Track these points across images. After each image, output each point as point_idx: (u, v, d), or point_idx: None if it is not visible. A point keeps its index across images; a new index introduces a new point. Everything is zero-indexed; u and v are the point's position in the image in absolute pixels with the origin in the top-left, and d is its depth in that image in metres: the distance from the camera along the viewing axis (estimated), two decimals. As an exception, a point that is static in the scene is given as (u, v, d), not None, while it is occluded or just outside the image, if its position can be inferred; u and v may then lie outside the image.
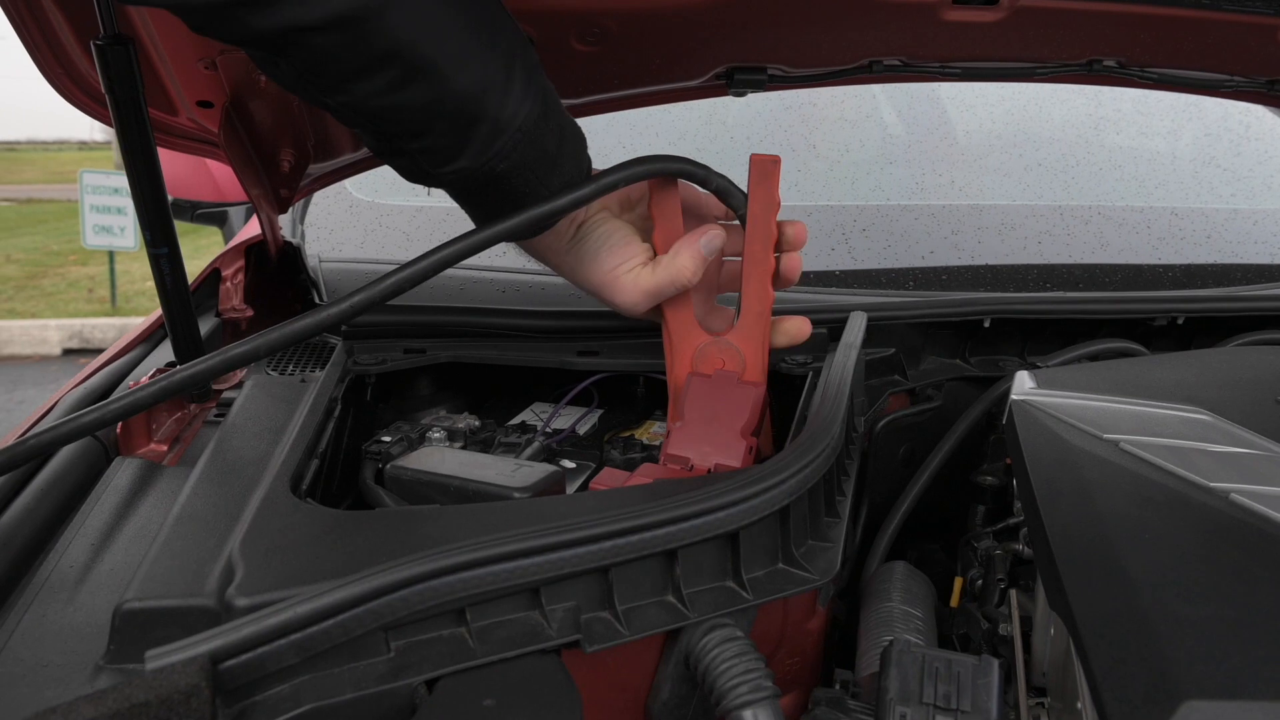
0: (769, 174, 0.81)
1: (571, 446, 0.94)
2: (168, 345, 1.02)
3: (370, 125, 0.64)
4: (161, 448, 0.89)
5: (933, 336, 1.07)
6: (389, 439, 0.85)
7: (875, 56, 1.11)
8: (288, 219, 1.32)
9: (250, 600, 0.52)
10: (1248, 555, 0.59)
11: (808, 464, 0.62)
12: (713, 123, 1.52)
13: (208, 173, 1.72)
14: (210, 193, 1.74)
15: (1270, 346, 1.02)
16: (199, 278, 1.15)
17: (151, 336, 1.11)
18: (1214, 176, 1.54)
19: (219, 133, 0.99)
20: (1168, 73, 1.18)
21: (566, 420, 0.98)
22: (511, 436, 0.88)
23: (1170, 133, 1.64)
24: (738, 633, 0.57)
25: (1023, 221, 1.34)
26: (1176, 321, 1.07)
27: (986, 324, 1.04)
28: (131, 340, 1.11)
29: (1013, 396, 0.82)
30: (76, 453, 0.80)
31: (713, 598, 0.59)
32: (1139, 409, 0.81)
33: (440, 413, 0.95)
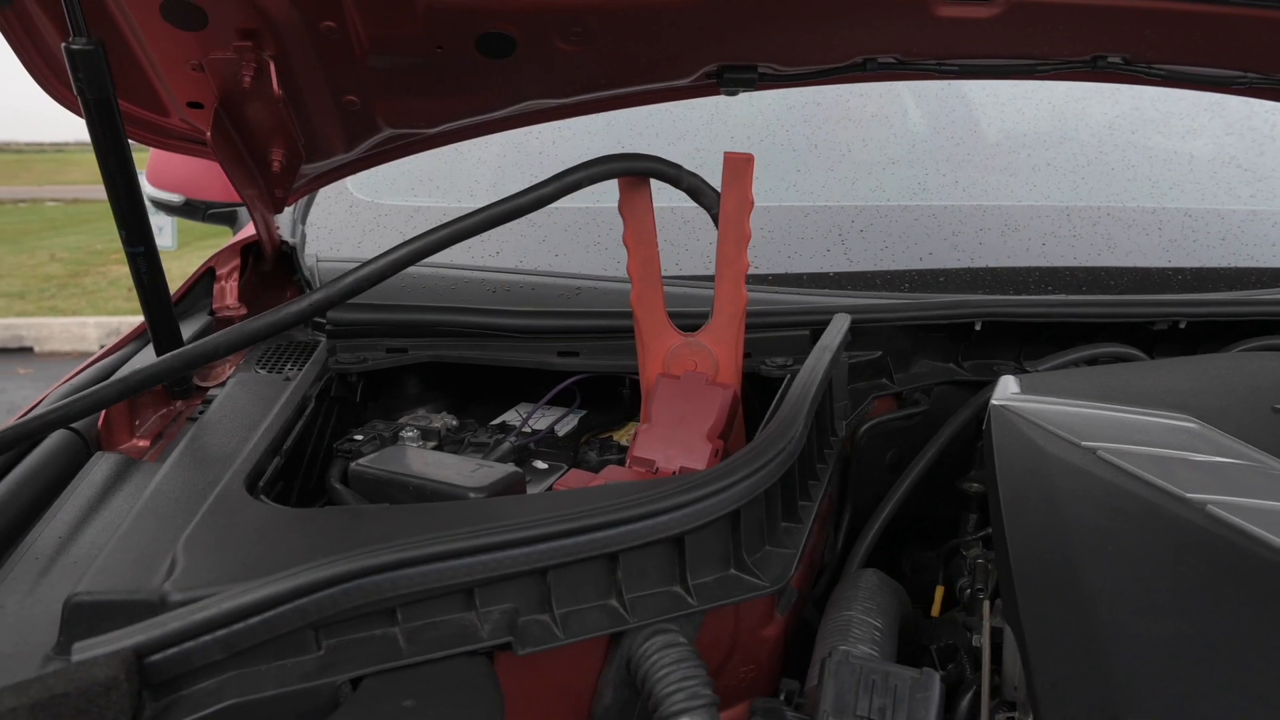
0: (742, 173, 0.80)
1: (550, 448, 0.94)
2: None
3: None
4: (144, 443, 0.90)
5: (923, 340, 1.05)
6: (361, 437, 0.85)
7: (868, 54, 1.09)
8: (288, 218, 1.34)
9: (184, 595, 0.52)
10: (1217, 570, 0.57)
11: (758, 468, 0.60)
12: (715, 123, 1.51)
13: (220, 173, 1.74)
14: (223, 193, 1.77)
15: (1274, 353, 0.98)
16: (193, 276, 1.17)
17: (143, 335, 1.13)
18: (1233, 176, 1.49)
19: (209, 133, 1.00)
20: (1176, 69, 1.14)
21: (550, 421, 0.98)
22: (482, 436, 0.88)
23: (1190, 131, 1.59)
24: (680, 639, 0.56)
25: (1027, 223, 1.31)
26: (1179, 326, 1.04)
27: (977, 327, 1.01)
28: (122, 339, 1.13)
29: (992, 402, 0.80)
30: (55, 447, 0.82)
31: (656, 603, 0.58)
32: (1124, 416, 0.79)
33: (420, 412, 0.95)
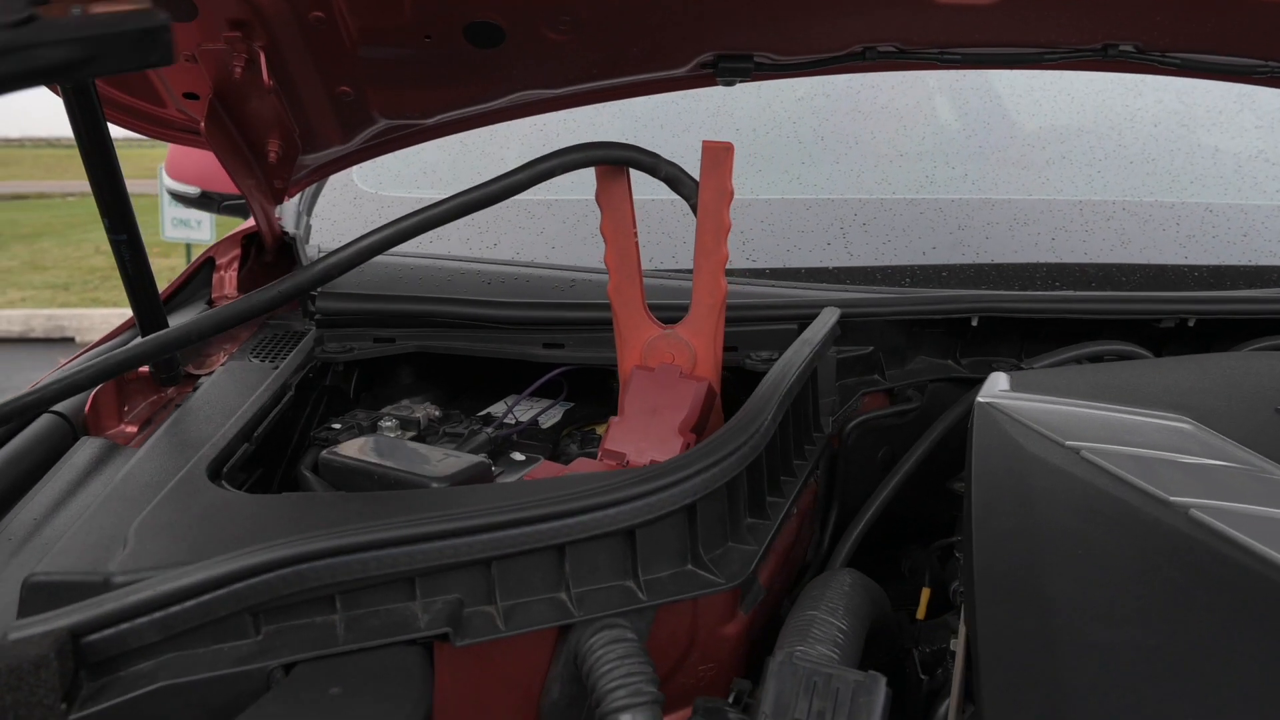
0: (720, 161, 0.78)
1: (533, 440, 0.93)
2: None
3: None
4: (131, 429, 0.92)
5: (919, 336, 1.02)
6: (339, 426, 0.86)
7: (867, 43, 1.06)
8: (292, 210, 1.35)
9: (127, 577, 0.52)
10: (1190, 576, 0.54)
11: (715, 462, 0.59)
12: (720, 115, 1.49)
13: (236, 166, 1.77)
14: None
15: None
16: (192, 265, 1.18)
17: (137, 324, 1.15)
18: (1261, 171, 1.44)
19: (203, 123, 1.01)
20: (1192, 58, 1.10)
21: (534, 413, 0.97)
22: (458, 427, 0.87)
23: (1216, 124, 1.53)
24: (628, 634, 0.55)
25: (1037, 217, 1.27)
26: (1187, 324, 1.00)
27: (974, 323, 0.99)
28: (117, 328, 1.15)
29: (978, 399, 0.78)
30: (41, 432, 0.83)
31: (606, 597, 0.57)
32: (1115, 415, 0.76)
33: (404, 402, 0.95)
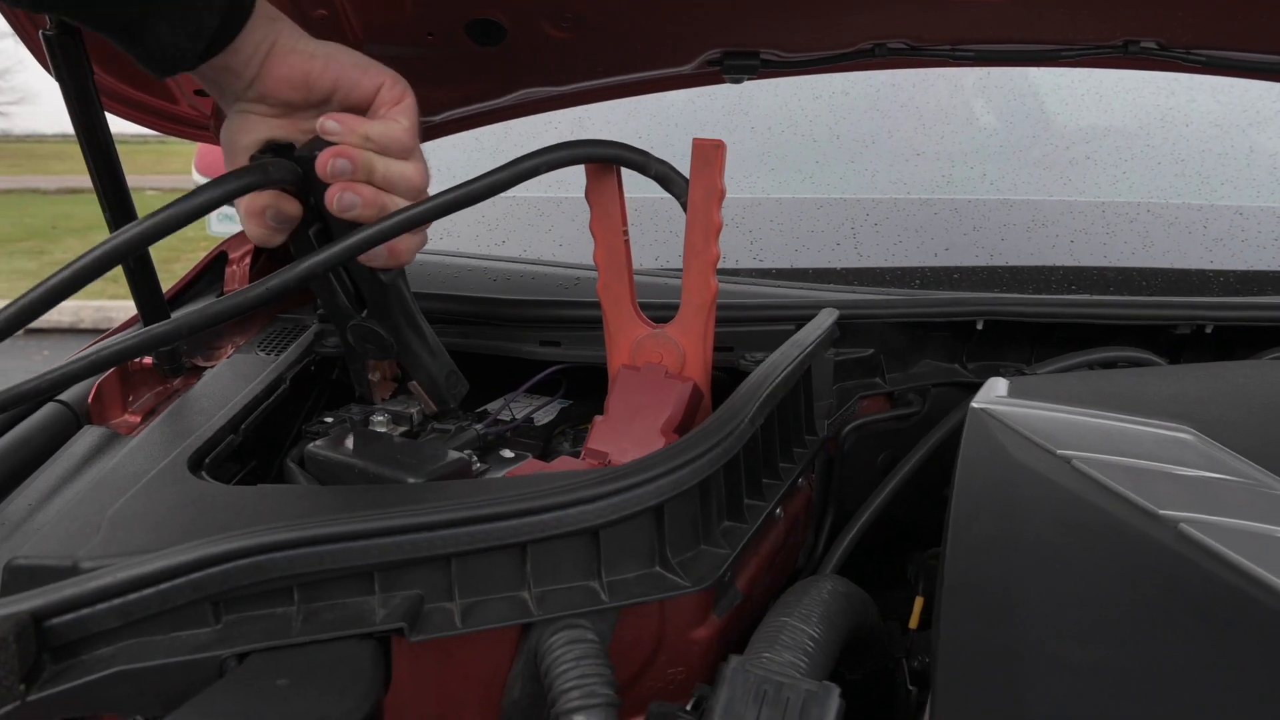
0: (710, 160, 0.77)
1: (526, 437, 0.93)
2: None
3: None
4: (135, 419, 0.94)
5: (923, 339, 1.00)
6: (330, 419, 0.87)
7: (877, 39, 1.04)
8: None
9: (93, 563, 0.53)
10: (1172, 595, 0.52)
11: (684, 463, 0.58)
12: (735, 113, 1.48)
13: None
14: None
15: None
16: (205, 259, 1.20)
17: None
18: (1299, 173, 1.38)
19: (212, 118, 1.03)
20: (1218, 55, 1.06)
21: (529, 410, 0.97)
22: (446, 423, 0.87)
23: (1252, 124, 1.47)
24: (589, 635, 0.55)
25: (1056, 219, 1.24)
26: (1204, 330, 0.96)
27: (979, 326, 0.96)
28: (125, 321, 1.17)
29: (972, 404, 0.76)
30: (44, 420, 0.85)
31: (568, 597, 0.56)
32: (1114, 424, 0.73)
33: (401, 397, 0.96)
